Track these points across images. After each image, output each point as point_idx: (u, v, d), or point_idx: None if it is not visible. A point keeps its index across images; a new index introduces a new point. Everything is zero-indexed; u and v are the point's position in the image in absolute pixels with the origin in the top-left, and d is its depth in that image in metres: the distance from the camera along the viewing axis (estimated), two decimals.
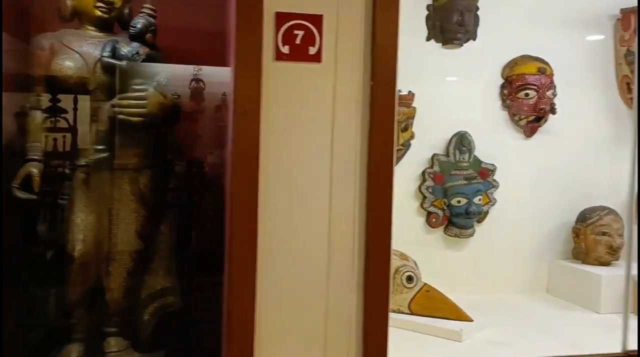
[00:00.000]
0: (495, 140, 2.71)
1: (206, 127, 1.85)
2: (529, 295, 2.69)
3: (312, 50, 1.42)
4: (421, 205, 2.61)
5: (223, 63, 1.70)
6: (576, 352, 1.82)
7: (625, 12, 2.66)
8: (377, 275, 1.48)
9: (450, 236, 2.63)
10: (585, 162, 2.81)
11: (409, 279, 2.21)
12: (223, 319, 1.45)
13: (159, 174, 1.76)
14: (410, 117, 2.47)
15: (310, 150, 1.46)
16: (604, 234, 2.55)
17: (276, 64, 1.42)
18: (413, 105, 2.53)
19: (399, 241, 2.55)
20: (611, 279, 2.42)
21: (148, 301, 1.82)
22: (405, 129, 2.47)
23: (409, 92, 2.46)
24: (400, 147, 2.47)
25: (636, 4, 2.48)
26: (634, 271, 2.42)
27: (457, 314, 2.12)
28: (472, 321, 2.11)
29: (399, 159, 2.53)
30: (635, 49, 2.85)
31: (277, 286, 1.45)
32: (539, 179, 2.76)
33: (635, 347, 1.79)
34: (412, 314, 2.18)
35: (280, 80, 1.42)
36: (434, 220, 2.61)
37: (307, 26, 1.41)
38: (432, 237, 2.65)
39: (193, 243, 1.82)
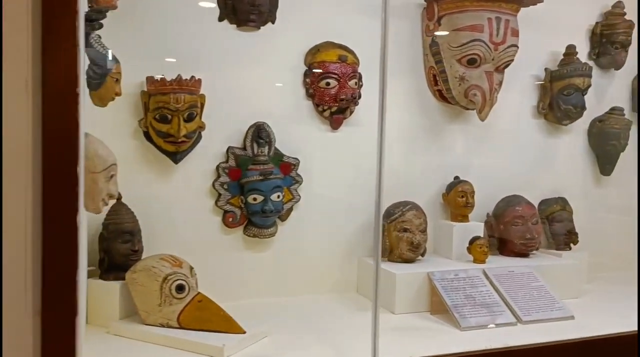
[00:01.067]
0: (300, 132, 2.53)
1: None
2: (338, 296, 2.56)
3: None
4: (216, 203, 2.37)
5: None
6: None
7: (428, 1, 2.58)
8: (58, 296, 1.20)
9: (250, 236, 2.42)
10: (396, 155, 2.72)
11: (180, 288, 1.95)
12: None
13: None
14: (195, 105, 2.21)
15: None
16: (405, 230, 2.46)
17: None
18: (202, 92, 2.27)
19: (192, 244, 2.33)
20: (407, 277, 2.34)
21: None
22: (189, 119, 2.20)
23: (192, 77, 2.20)
24: (184, 139, 2.20)
25: None
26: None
27: (229, 327, 1.90)
28: (244, 332, 1.90)
29: (186, 152, 2.27)
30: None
31: None
32: (348, 174, 2.62)
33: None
34: (181, 327, 1.93)
35: None
36: (230, 219, 2.38)
37: None
38: (230, 238, 2.42)
39: None
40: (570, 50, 2.88)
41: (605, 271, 3.00)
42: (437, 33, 2.56)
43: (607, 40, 2.98)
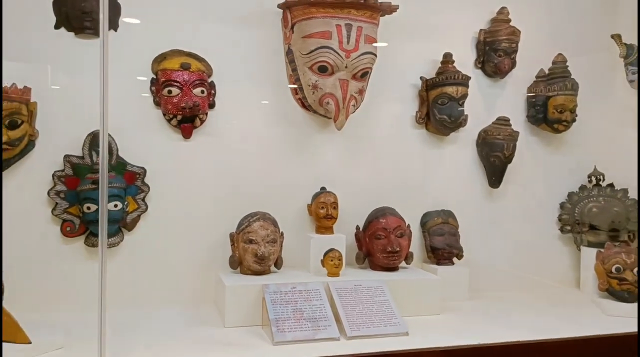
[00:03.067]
0: (148, 141, 2.49)
1: None
2: (191, 309, 2.48)
3: None
4: (52, 212, 2.34)
5: None
6: None
7: (283, 8, 2.54)
8: None
9: (89, 246, 2.38)
10: (260, 165, 2.66)
11: None
12: None
13: None
14: (17, 113, 2.18)
15: None
16: (250, 241, 2.39)
17: None
18: (33, 99, 2.26)
19: (28, 253, 2.31)
20: (238, 289, 2.26)
21: None
22: (14, 126, 2.18)
23: (13, 84, 2.18)
24: (7, 147, 2.18)
25: None
26: None
27: (14, 335, 1.85)
28: (29, 342, 1.85)
29: (14, 159, 2.26)
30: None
31: None
32: (204, 184, 2.57)
33: None
34: None
35: None
36: (68, 229, 2.35)
37: None
38: (70, 248, 2.39)
39: None
40: (446, 59, 2.80)
41: (488, 290, 2.87)
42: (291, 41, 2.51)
43: (490, 48, 2.89)
